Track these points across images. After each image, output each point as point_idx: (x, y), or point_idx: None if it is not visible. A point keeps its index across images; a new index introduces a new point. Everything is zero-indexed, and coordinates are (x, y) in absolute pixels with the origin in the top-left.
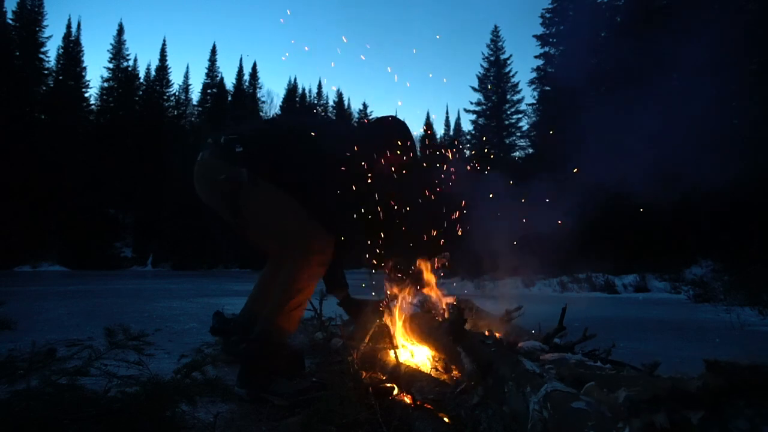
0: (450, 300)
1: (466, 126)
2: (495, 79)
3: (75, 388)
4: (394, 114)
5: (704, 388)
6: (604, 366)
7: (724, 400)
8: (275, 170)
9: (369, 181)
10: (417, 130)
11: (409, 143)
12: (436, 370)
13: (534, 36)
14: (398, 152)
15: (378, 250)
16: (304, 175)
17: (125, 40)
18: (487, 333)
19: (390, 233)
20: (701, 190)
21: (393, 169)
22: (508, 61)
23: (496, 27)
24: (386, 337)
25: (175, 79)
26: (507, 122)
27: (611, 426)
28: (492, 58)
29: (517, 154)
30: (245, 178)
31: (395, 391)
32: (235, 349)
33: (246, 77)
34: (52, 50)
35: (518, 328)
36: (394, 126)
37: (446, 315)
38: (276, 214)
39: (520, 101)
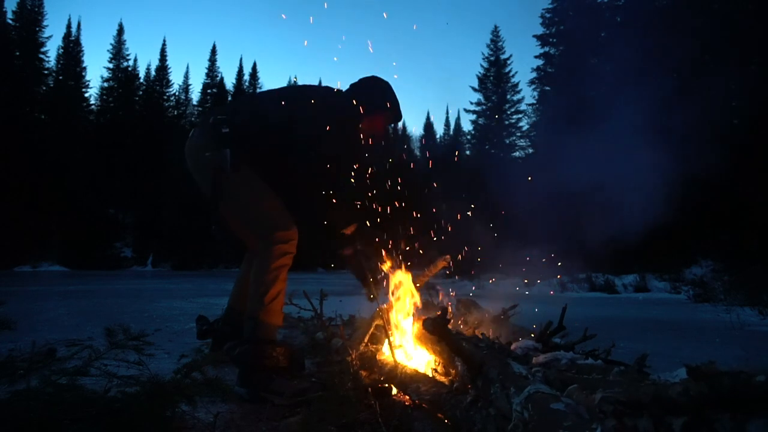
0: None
1: (466, 126)
2: (495, 79)
3: (75, 388)
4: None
5: (685, 395)
6: (595, 363)
7: (707, 408)
8: (256, 156)
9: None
10: (417, 130)
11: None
12: (436, 371)
13: (534, 36)
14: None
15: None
16: (283, 165)
17: (125, 40)
18: (480, 335)
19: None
20: (701, 190)
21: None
22: (508, 61)
23: (496, 27)
24: (385, 338)
25: (175, 79)
26: (507, 122)
27: (586, 426)
28: (492, 58)
29: (517, 154)
30: (227, 160)
31: (393, 392)
32: (231, 352)
33: (246, 77)
34: (52, 50)
35: (516, 328)
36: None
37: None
38: (249, 199)
39: (520, 101)
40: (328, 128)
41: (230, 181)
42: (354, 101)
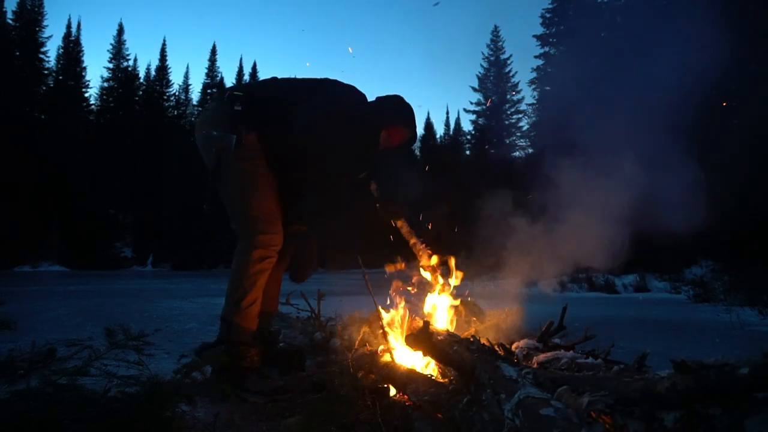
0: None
1: (467, 126)
2: (495, 79)
3: (75, 388)
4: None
5: (673, 389)
6: (595, 362)
7: (695, 401)
8: (265, 140)
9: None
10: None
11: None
12: (433, 372)
13: (534, 36)
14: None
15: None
16: (293, 154)
17: (125, 40)
18: (471, 338)
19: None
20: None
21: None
22: (508, 61)
23: (496, 27)
24: (383, 337)
25: (175, 79)
26: (507, 122)
27: (575, 431)
28: (492, 58)
29: (517, 154)
30: (232, 144)
31: (392, 392)
32: (203, 352)
33: (246, 77)
34: (52, 50)
35: (517, 327)
36: (398, 104)
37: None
38: (244, 189)
39: (520, 101)
40: (350, 125)
41: (232, 166)
42: (382, 109)
